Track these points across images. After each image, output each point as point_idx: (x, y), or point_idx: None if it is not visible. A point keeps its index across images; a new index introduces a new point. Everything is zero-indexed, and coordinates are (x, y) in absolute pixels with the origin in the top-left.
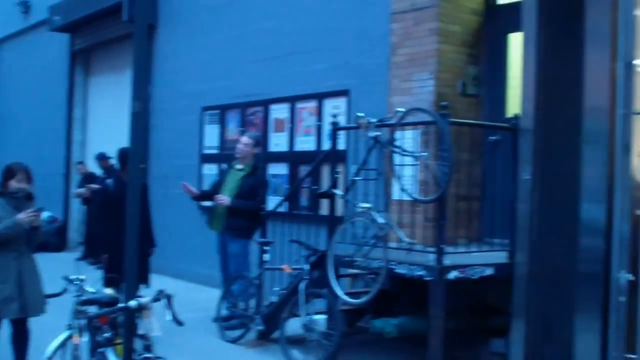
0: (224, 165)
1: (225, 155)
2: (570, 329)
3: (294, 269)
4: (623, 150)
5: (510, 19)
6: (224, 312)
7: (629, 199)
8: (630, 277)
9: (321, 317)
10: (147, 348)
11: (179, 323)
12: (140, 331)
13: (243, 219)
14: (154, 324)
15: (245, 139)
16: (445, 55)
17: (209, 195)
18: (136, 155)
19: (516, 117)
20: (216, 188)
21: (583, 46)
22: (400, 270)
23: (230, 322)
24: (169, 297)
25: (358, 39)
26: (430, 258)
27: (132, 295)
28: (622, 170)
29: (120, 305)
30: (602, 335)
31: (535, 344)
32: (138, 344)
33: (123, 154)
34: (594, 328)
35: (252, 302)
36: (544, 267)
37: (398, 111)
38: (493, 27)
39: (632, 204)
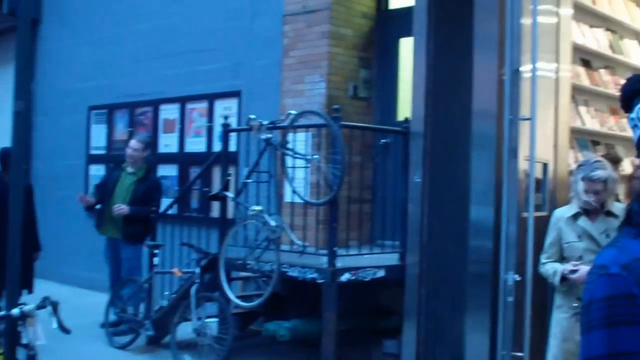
0: (112, 165)
1: (113, 156)
2: (461, 329)
3: (185, 272)
4: (510, 154)
5: (401, 24)
6: (112, 317)
7: (515, 201)
8: (517, 277)
9: (213, 321)
10: (32, 358)
11: (66, 331)
12: (24, 340)
13: (138, 224)
14: (39, 332)
15: (134, 144)
16: (337, 58)
17: (99, 200)
18: (18, 155)
19: (407, 120)
20: (103, 190)
21: (472, 52)
22: (293, 273)
23: (119, 328)
24: (54, 304)
25: (250, 40)
26: (323, 261)
27: (15, 302)
28: (509, 174)
29: (2, 313)
30: (491, 335)
31: (427, 344)
32: (21, 354)
33: (4, 154)
34: (483, 327)
35: (142, 307)
36: (434, 268)
37: (290, 113)
38: (384, 31)
39: (519, 207)
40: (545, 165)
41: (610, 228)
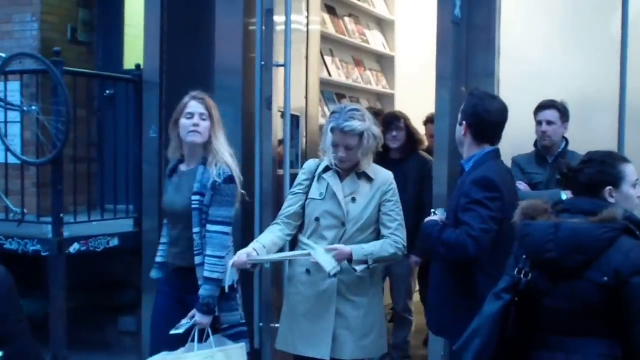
0: None
1: None
2: None
3: None
4: (264, 104)
5: None
6: None
7: (271, 157)
8: None
9: None
10: None
11: None
12: None
13: None
14: None
15: None
16: None
17: None
18: None
19: (139, 68)
20: None
21: None
22: (11, 245)
23: None
24: None
25: None
26: (47, 230)
27: None
28: (262, 126)
29: None
30: (244, 306)
31: None
32: None
33: None
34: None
35: None
36: None
37: (0, 57)
38: None
39: (275, 163)
40: (297, 119)
41: (359, 192)
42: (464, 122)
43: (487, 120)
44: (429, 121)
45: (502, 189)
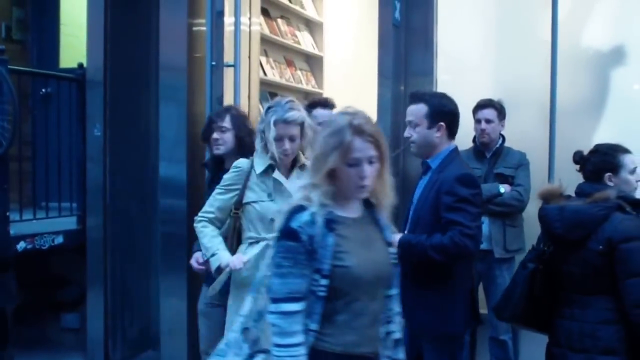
0: None
1: None
2: (154, 295)
3: None
4: (215, 103)
5: None
6: None
7: None
8: None
9: None
10: None
11: None
12: None
13: None
14: None
15: None
16: None
17: None
18: None
19: (82, 67)
20: None
21: None
22: None
23: None
24: None
25: None
26: None
27: None
28: None
29: None
30: (189, 297)
31: (115, 315)
32: None
33: None
34: (180, 291)
35: None
36: (120, 231)
37: None
38: None
39: None
40: None
41: None
42: (442, 124)
43: (458, 117)
44: None
45: (479, 185)
